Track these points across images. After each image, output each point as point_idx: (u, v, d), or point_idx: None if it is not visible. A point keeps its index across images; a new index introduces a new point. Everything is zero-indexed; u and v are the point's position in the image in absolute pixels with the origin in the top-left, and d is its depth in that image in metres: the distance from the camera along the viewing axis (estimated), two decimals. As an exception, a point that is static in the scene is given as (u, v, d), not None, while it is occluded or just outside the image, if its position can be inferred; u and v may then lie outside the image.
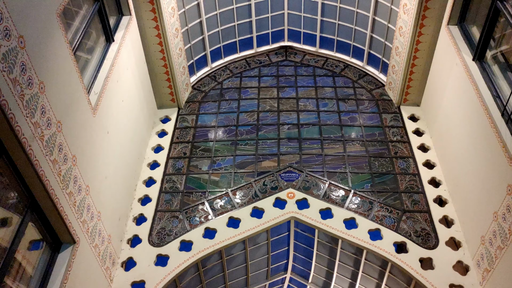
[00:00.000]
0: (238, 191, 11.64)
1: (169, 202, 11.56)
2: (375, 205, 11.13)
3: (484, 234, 9.30)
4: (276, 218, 10.92)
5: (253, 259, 11.97)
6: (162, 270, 10.04)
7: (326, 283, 12.87)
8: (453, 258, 10.01)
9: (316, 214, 10.92)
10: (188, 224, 10.97)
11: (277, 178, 11.86)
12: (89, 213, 8.74)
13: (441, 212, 10.89)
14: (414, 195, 11.38)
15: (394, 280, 10.82)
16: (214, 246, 10.45)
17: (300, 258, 12.71)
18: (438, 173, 11.78)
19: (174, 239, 10.65)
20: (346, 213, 10.92)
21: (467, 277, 9.68)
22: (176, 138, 13.35)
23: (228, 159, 12.60)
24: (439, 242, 10.31)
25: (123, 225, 10.79)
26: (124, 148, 11.01)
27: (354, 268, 11.55)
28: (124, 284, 9.85)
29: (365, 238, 10.44)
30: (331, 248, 11.60)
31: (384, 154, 12.50)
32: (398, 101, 13.84)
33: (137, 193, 11.72)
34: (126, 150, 11.20)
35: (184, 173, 12.25)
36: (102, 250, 9.34)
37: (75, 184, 8.10)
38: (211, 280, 11.63)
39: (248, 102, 14.40)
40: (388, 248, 10.23)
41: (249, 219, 10.92)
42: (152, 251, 10.44)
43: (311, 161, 12.35)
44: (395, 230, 10.60)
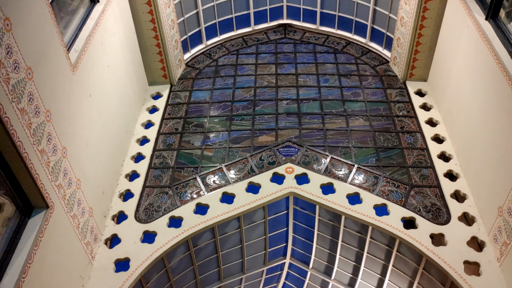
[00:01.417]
0: (232, 166, 10.81)
1: (159, 178, 10.72)
2: (380, 179, 10.29)
3: (502, 205, 8.45)
4: (273, 194, 10.07)
5: (249, 240, 11.09)
6: (148, 247, 9.18)
7: (328, 268, 11.98)
8: (466, 234, 9.16)
9: (317, 189, 10.08)
10: (178, 200, 10.13)
11: (275, 153, 11.03)
12: (66, 178, 7.90)
13: (453, 187, 10.06)
14: (422, 170, 10.54)
15: (402, 260, 9.95)
16: (206, 222, 9.60)
17: (300, 240, 11.83)
18: (448, 147, 10.95)
19: (162, 215, 9.81)
20: (350, 188, 10.08)
21: (483, 254, 8.82)
22: (168, 114, 12.55)
23: (222, 135, 11.78)
24: (451, 218, 9.46)
25: (108, 201, 9.94)
26: (109, 118, 10.20)
27: (359, 249, 10.67)
28: (107, 262, 8.98)
29: (371, 213, 9.59)
30: (333, 227, 10.72)
31: (390, 128, 11.68)
32: (403, 77, 13.04)
33: (124, 169, 10.89)
34: (112, 122, 10.39)
35: (175, 149, 11.43)
36: (82, 222, 8.49)
37: (49, 142, 7.27)
38: (204, 262, 10.75)
39: (244, 78, 13.60)
40: (395, 224, 9.37)
41: (244, 194, 10.08)
42: (138, 227, 9.59)
43: (311, 135, 11.53)
44: (403, 205, 9.76)
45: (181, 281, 10.63)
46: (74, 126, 8.31)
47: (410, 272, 9.93)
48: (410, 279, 10.01)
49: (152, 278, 9.55)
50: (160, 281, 9.95)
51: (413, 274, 9.88)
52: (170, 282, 10.19)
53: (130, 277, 8.71)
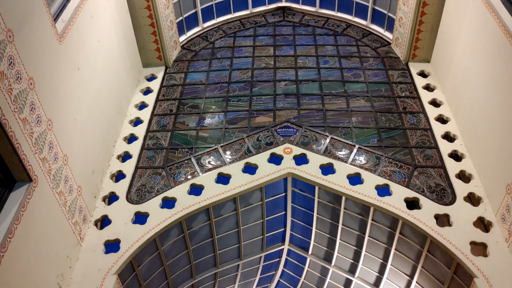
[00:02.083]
0: (228, 147, 10.39)
1: (152, 159, 10.32)
2: (382, 160, 9.88)
3: (511, 182, 8.05)
4: (271, 175, 9.66)
5: (246, 223, 10.68)
6: (140, 229, 8.78)
7: (328, 253, 11.56)
8: (473, 214, 8.76)
9: (316, 170, 9.67)
10: (172, 180, 9.72)
11: (272, 133, 10.61)
12: (52, 152, 7.49)
13: (458, 167, 9.65)
14: (426, 150, 10.13)
15: (405, 243, 9.54)
16: (200, 203, 9.19)
17: (299, 225, 11.41)
18: (453, 127, 10.54)
19: (155, 196, 9.41)
20: (350, 169, 9.67)
21: (490, 234, 8.41)
22: (162, 95, 12.14)
23: (218, 115, 11.37)
24: (457, 198, 9.06)
25: (98, 181, 9.53)
26: (100, 96, 9.79)
27: (360, 233, 10.26)
28: (96, 243, 8.58)
29: (372, 194, 9.18)
30: (333, 210, 10.32)
31: (392, 109, 11.27)
32: (406, 58, 12.62)
33: (116, 150, 10.48)
34: (103, 100, 9.98)
35: (170, 130, 11.02)
36: (70, 201, 8.08)
37: (32, 111, 6.86)
38: (198, 247, 10.33)
39: (242, 60, 13.18)
40: (398, 205, 8.96)
41: (241, 175, 9.67)
42: (130, 208, 9.18)
43: (310, 116, 11.12)
44: (406, 185, 9.36)
45: (175, 266, 10.22)
46: (60, 99, 7.91)
47: (414, 256, 9.52)
48: (413, 263, 9.60)
49: (144, 261, 9.14)
50: (152, 265, 9.53)
51: (416, 258, 9.47)
52: (163, 266, 9.78)
53: (120, 259, 8.31)
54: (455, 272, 8.61)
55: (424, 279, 9.61)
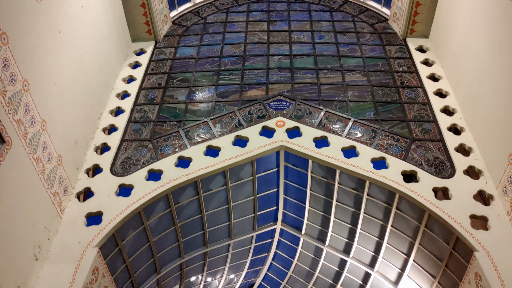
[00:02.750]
0: (218, 120, 9.96)
1: (138, 132, 9.88)
2: (379, 133, 9.47)
3: (514, 151, 7.68)
4: (262, 147, 9.25)
5: (237, 200, 10.27)
6: (123, 201, 8.36)
7: (322, 233, 11.16)
8: (473, 187, 8.37)
9: (309, 143, 9.26)
10: (159, 153, 9.29)
11: (265, 106, 10.18)
12: (29, 115, 7.05)
13: (457, 140, 9.26)
14: (424, 124, 9.73)
15: (402, 219, 9.16)
16: (188, 175, 8.77)
17: (292, 203, 11.01)
18: (452, 101, 10.15)
19: (141, 168, 8.99)
20: (345, 142, 9.27)
21: (491, 207, 8.03)
22: (151, 70, 11.68)
23: (209, 89, 10.93)
24: (456, 171, 8.67)
25: (81, 153, 9.09)
26: (84, 64, 9.34)
27: (355, 209, 9.86)
28: (77, 215, 8.14)
29: (368, 167, 8.78)
30: (327, 185, 9.91)
31: (389, 84, 10.85)
32: (404, 33, 12.19)
33: (101, 123, 10.03)
34: (87, 69, 9.54)
35: (158, 103, 10.57)
36: (49, 169, 7.63)
37: (5, 68, 6.41)
38: (187, 224, 9.92)
39: (234, 35, 12.74)
40: (395, 178, 8.56)
41: (231, 148, 9.25)
42: (114, 181, 8.76)
43: (304, 90, 10.69)
44: (403, 159, 8.95)
45: (162, 243, 9.81)
46: (38, 60, 7.45)
47: (411, 232, 9.13)
48: (410, 240, 9.21)
49: (128, 235, 8.72)
50: (137, 241, 9.12)
51: (414, 234, 9.07)
52: (149, 242, 9.36)
53: (102, 231, 7.88)
54: (454, 247, 8.23)
55: (421, 256, 9.23)
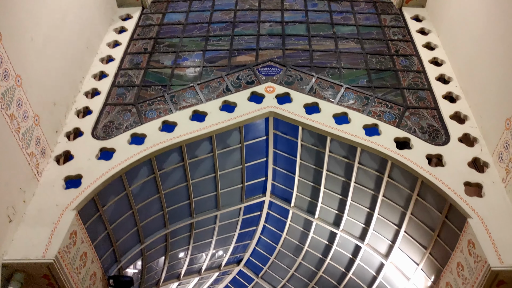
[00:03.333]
0: (206, 85, 9.57)
1: (122, 96, 9.50)
2: (371, 100, 9.15)
3: (510, 116, 7.39)
4: (251, 113, 8.89)
5: (224, 169, 9.96)
6: (104, 164, 8.02)
7: (311, 205, 10.89)
8: (468, 154, 8.11)
9: (300, 109, 8.92)
10: (143, 117, 8.92)
11: (254, 72, 9.80)
12: (1, 68, 6.65)
13: (452, 108, 8.97)
14: (419, 92, 9.42)
15: (393, 188, 8.90)
16: (172, 140, 8.42)
17: (281, 173, 10.71)
18: (448, 70, 9.84)
19: (123, 132, 8.63)
20: (337, 108, 8.93)
21: (486, 175, 7.78)
22: (137, 35, 11.24)
23: (196, 54, 10.51)
24: (451, 139, 8.39)
25: (61, 116, 8.69)
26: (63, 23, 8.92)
27: (345, 179, 9.58)
28: (56, 178, 7.79)
29: (360, 134, 8.47)
30: (317, 154, 9.61)
31: (383, 52, 10.50)
32: (399, 2, 11.80)
33: (84, 87, 9.62)
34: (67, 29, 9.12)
35: (143, 68, 10.17)
36: (24, 128, 7.25)
37: (-27, 14, 6.02)
38: (172, 192, 9.61)
39: (224, 1, 12.27)
40: (387, 144, 8.26)
41: (218, 113, 8.90)
42: (95, 144, 8.40)
43: (295, 56, 10.31)
44: (396, 126, 8.65)
45: (146, 211, 9.49)
46: (11, 10, 7.03)
47: (403, 201, 8.87)
48: (402, 210, 8.95)
49: (110, 200, 8.40)
50: (120, 207, 8.81)
51: (405, 204, 8.82)
52: (132, 210, 9.04)
53: (81, 194, 7.54)
54: (446, 216, 7.99)
55: (413, 227, 8.98)
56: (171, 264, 11.98)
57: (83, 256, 7.60)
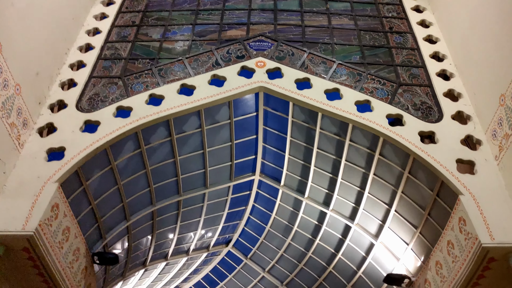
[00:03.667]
0: (195, 59, 9.31)
1: (108, 69, 9.25)
2: (364, 76, 8.95)
3: (505, 91, 7.24)
4: (240, 87, 8.68)
5: (212, 145, 9.76)
6: (89, 137, 7.79)
7: (301, 184, 10.73)
8: (460, 132, 7.98)
9: (291, 84, 8.71)
10: (129, 90, 8.68)
11: (245, 46, 9.56)
12: (-23, 30, 6.39)
13: (446, 86, 8.81)
14: (412, 69, 9.24)
15: (385, 166, 8.75)
16: (159, 113, 8.20)
17: (271, 151, 10.53)
18: (442, 48, 9.66)
19: (109, 105, 8.39)
20: (329, 84, 8.74)
21: (478, 152, 7.66)
22: (125, 8, 10.93)
23: (185, 28, 10.24)
24: (444, 116, 8.25)
25: (45, 88, 8.44)
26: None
27: (336, 157, 9.42)
28: (38, 150, 7.58)
29: (352, 110, 8.29)
30: (308, 131, 9.44)
31: (377, 28, 10.28)
32: (394, -20, 11.57)
33: (69, 59, 9.37)
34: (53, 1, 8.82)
35: (131, 41, 9.88)
36: (4, 96, 7.00)
37: None
38: (159, 168, 9.40)
39: (216, -23, 11.99)
40: (379, 121, 8.10)
41: (207, 87, 8.67)
42: (79, 116, 8.17)
43: (287, 31, 10.07)
44: (389, 102, 8.48)
45: (132, 188, 9.29)
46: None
47: (394, 180, 8.73)
48: (393, 188, 8.82)
49: (94, 174, 8.17)
50: (105, 182, 8.60)
51: (396, 182, 8.68)
52: (117, 185, 8.83)
53: (63, 167, 7.33)
54: (438, 194, 7.86)
55: (403, 206, 8.86)
56: (158, 244, 11.81)
57: (65, 231, 7.40)
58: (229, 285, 15.44)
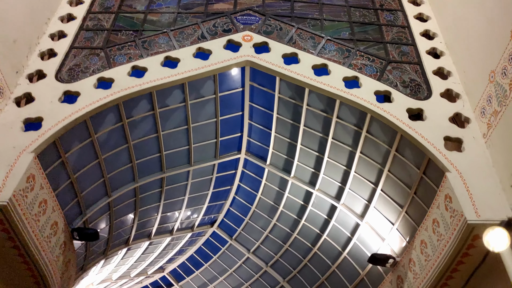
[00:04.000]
0: (180, 32, 9.06)
1: (90, 40, 8.94)
2: (353, 53, 8.77)
3: (495, 68, 7.10)
4: (226, 61, 8.46)
5: (197, 120, 9.54)
6: (68, 107, 7.53)
7: (287, 163, 10.58)
8: (449, 110, 7.85)
9: (278, 59, 8.51)
10: (112, 62, 8.41)
11: (231, 20, 9.30)
12: (-51, -8, 6.08)
13: (436, 64, 8.66)
14: (402, 47, 9.07)
15: (372, 144, 8.62)
16: (142, 85, 7.95)
17: (257, 129, 10.34)
18: (433, 26, 9.50)
19: (90, 76, 8.12)
20: (317, 59, 8.55)
21: (467, 130, 7.54)
22: (109, -21, 10.61)
23: (171, 0, 9.94)
24: (432, 93, 8.11)
25: (22, 57, 8.14)
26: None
27: (323, 134, 9.26)
28: (14, 120, 7.31)
29: (339, 86, 8.11)
30: (295, 108, 9.26)
31: (367, 5, 10.08)
32: (386, -43, 11.35)
33: (49, 28, 9.06)
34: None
35: (114, 12, 9.58)
36: (-22, 62, 6.73)
37: None
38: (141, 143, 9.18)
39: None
40: (367, 97, 7.93)
41: (191, 60, 8.44)
42: (58, 87, 7.90)
43: (276, 6, 9.82)
44: (378, 79, 8.31)
45: (114, 162, 9.07)
46: None
47: (380, 158, 8.60)
48: (379, 167, 8.70)
49: (73, 147, 7.93)
50: (85, 156, 8.37)
51: (383, 160, 8.56)
52: (98, 159, 8.60)
53: (40, 137, 7.09)
54: (424, 172, 7.74)
55: (390, 185, 8.75)
56: (141, 222, 11.61)
57: (42, 203, 7.17)
58: (213, 266, 15.32)
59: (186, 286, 16.68)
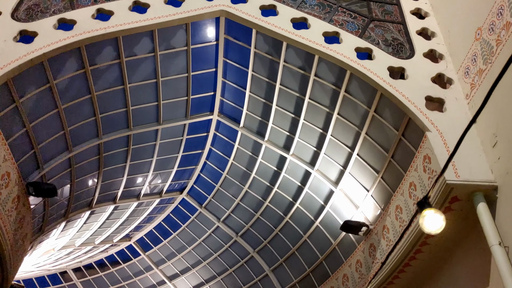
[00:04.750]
0: (151, -23, 8.44)
1: (53, -21, 8.24)
2: (335, 8, 8.31)
3: (482, 25, 6.74)
4: (200, 9, 7.90)
5: (167, 75, 8.97)
6: (23, 47, 6.94)
7: (262, 125, 10.11)
8: (432, 70, 7.49)
9: (255, 11, 8.02)
10: (75, 3, 7.76)
11: (208, -31, 8.71)
12: None
13: (420, 24, 8.27)
14: (386, 6, 8.65)
15: (350, 105, 8.22)
16: (106, 29, 7.36)
17: (231, 88, 9.83)
18: (419, -14, 9.08)
19: (50, 16, 7.47)
20: (296, 13, 8.09)
21: (449, 91, 7.19)
22: None
23: None
24: (415, 53, 7.74)
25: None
26: None
27: (300, 94, 8.81)
28: (-39, 59, 6.64)
29: (319, 40, 7.67)
30: (271, 64, 8.77)
31: (351, -36, 9.60)
32: None
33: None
34: None
35: (81, -44, 8.88)
36: None
37: None
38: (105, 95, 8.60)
39: None
40: (347, 53, 7.50)
41: (162, 6, 7.86)
42: (14, 25, 7.26)
43: (255, -43, 9.26)
44: (359, 36, 7.88)
45: (75, 114, 8.49)
46: None
47: (358, 120, 8.23)
48: (357, 130, 8.32)
49: (29, 92, 7.31)
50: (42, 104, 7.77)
51: (361, 122, 8.18)
52: (57, 109, 7.99)
53: (-10, 78, 6.45)
54: (403, 134, 7.39)
55: (366, 149, 8.40)
56: (105, 183, 11.04)
57: (-9, 149, 6.59)
58: (182, 235, 14.84)
59: (153, 256, 16.20)
